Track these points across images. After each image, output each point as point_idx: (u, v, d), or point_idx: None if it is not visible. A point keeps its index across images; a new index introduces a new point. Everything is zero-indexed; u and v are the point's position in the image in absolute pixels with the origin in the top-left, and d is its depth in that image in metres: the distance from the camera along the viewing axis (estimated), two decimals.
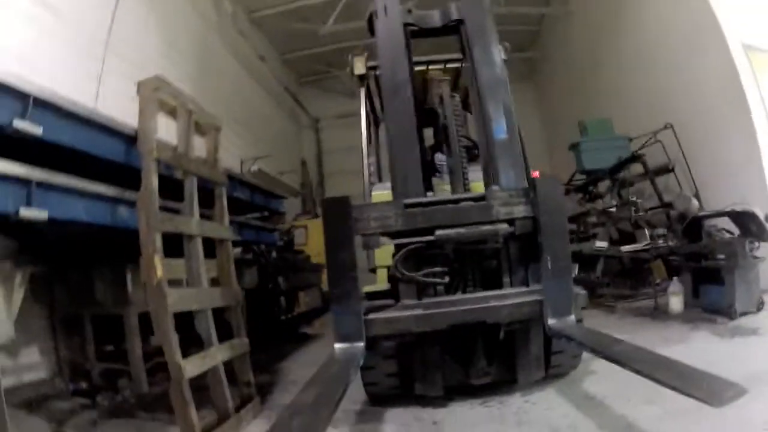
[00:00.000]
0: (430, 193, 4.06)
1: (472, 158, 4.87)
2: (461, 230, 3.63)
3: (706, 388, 2.27)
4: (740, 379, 3.74)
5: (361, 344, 3.45)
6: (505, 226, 3.65)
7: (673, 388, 2.38)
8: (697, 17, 8.52)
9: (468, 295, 3.91)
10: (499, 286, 3.94)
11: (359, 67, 5.41)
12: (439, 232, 3.61)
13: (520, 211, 3.66)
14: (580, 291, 3.88)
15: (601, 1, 12.26)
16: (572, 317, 3.56)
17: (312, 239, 13.44)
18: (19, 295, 3.68)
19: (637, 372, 2.65)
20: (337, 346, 3.48)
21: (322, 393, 2.62)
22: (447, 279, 3.88)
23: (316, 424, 2.25)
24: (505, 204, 3.65)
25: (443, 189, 4.79)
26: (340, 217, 3.54)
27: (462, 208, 3.69)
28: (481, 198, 3.73)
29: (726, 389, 2.26)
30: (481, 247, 3.90)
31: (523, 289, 3.84)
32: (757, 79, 7.84)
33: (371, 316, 3.60)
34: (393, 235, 3.73)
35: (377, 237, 3.66)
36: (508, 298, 3.70)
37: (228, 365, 4.07)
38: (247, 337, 4.51)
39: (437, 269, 3.84)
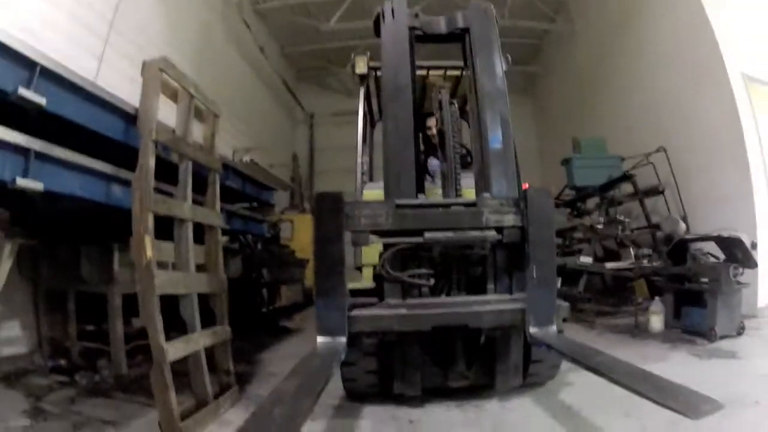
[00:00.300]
0: (421, 196, 4.07)
1: (465, 166, 4.90)
2: (450, 234, 3.66)
3: (683, 401, 2.30)
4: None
5: (343, 339, 3.45)
6: (493, 233, 3.68)
7: (652, 400, 2.41)
8: (700, 45, 8.61)
9: (452, 299, 3.96)
10: (483, 291, 3.96)
11: (361, 67, 5.41)
12: (428, 235, 3.63)
13: (510, 219, 3.68)
14: (563, 303, 3.93)
15: (604, 22, 12.36)
16: (554, 327, 3.59)
17: (298, 234, 13.41)
18: (6, 266, 3.66)
19: (616, 382, 2.69)
20: (320, 339, 3.47)
21: (303, 384, 2.62)
22: (432, 281, 3.92)
23: (297, 414, 2.26)
24: (496, 212, 3.69)
25: (435, 193, 4.83)
26: (331, 212, 3.54)
27: (452, 213, 3.73)
28: (472, 204, 3.77)
29: (703, 403, 2.30)
30: (468, 253, 3.92)
31: (507, 296, 3.87)
32: (755, 111, 7.94)
33: (355, 312, 3.61)
34: (382, 233, 3.74)
35: (367, 234, 3.66)
36: (491, 304, 3.75)
37: (208, 352, 4.06)
38: (229, 325, 4.50)
39: (423, 271, 3.88)
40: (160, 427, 3.38)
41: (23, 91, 2.89)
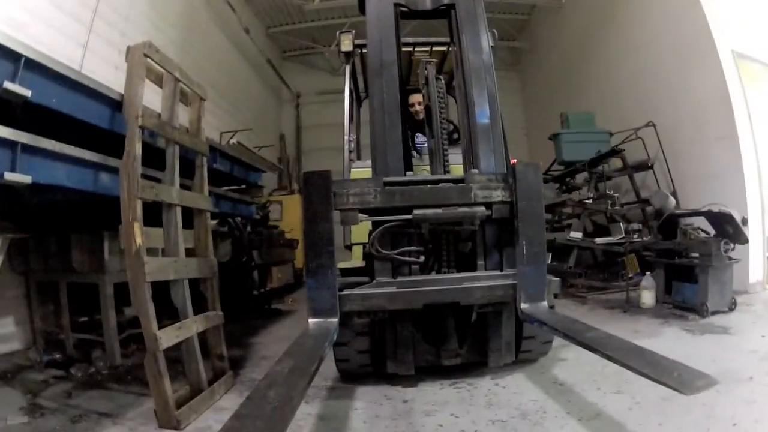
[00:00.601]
0: (409, 173, 4.06)
1: (452, 142, 4.88)
2: (439, 211, 3.63)
3: (677, 377, 2.30)
4: None
5: (335, 320, 3.46)
6: (482, 209, 3.66)
7: (646, 375, 2.41)
8: (689, 21, 8.57)
9: (442, 276, 3.93)
10: (474, 268, 3.95)
11: (346, 44, 5.44)
12: (416, 212, 3.62)
13: (498, 195, 3.68)
14: (553, 278, 3.94)
15: None
16: (545, 303, 3.61)
17: (287, 215, 13.38)
18: None
19: (609, 358, 2.68)
20: (311, 320, 3.47)
21: (296, 366, 2.61)
22: (422, 259, 3.92)
23: (292, 396, 2.26)
24: (484, 187, 3.67)
25: (422, 170, 4.84)
26: (319, 191, 3.53)
27: (441, 189, 3.69)
28: (460, 180, 3.74)
29: (697, 378, 2.30)
30: (458, 229, 3.91)
31: (498, 272, 3.86)
32: (744, 88, 7.93)
33: (346, 291, 3.61)
34: (371, 212, 3.75)
35: (356, 213, 3.66)
36: (482, 281, 3.75)
37: (201, 338, 4.04)
38: (221, 310, 4.47)
39: (413, 248, 3.89)
40: (156, 416, 3.36)
41: (8, 85, 2.83)
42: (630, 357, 2.63)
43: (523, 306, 3.56)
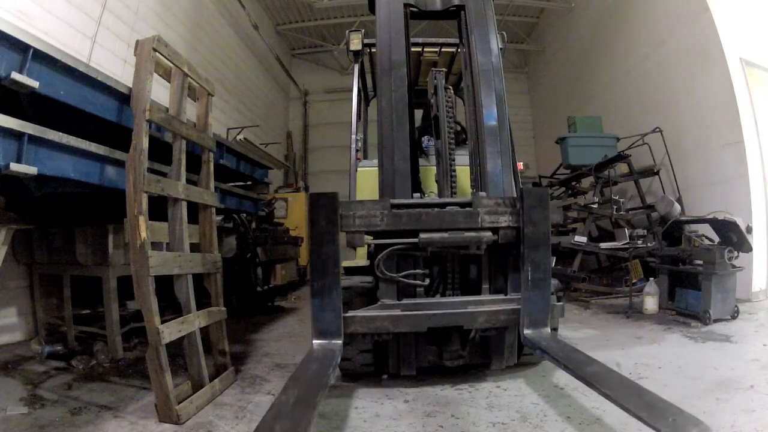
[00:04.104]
0: (416, 195, 4.07)
1: (459, 142, 4.88)
2: (445, 235, 3.65)
3: (671, 423, 2.27)
4: (711, 384, 3.85)
5: (339, 341, 3.49)
6: (489, 234, 3.68)
7: (640, 419, 2.35)
8: (698, 28, 8.56)
9: (447, 299, 3.96)
10: (479, 291, 3.98)
11: (355, 43, 5.47)
12: (423, 236, 3.65)
13: (506, 220, 3.69)
14: (557, 303, 3.94)
15: (602, 1, 12.25)
16: (548, 329, 3.63)
17: (292, 212, 13.40)
18: (1, 253, 3.62)
19: (607, 397, 2.65)
20: (316, 342, 3.50)
21: (301, 396, 2.59)
22: (427, 281, 3.94)
23: (298, 428, 2.25)
24: (491, 212, 3.69)
25: (429, 171, 4.84)
26: (326, 213, 3.53)
27: (447, 214, 3.70)
28: (468, 204, 3.75)
29: (692, 426, 2.26)
30: (463, 252, 3.92)
31: (502, 296, 3.89)
32: (752, 96, 7.91)
33: (350, 313, 3.65)
34: (377, 234, 3.76)
35: (362, 235, 3.68)
36: (486, 305, 3.78)
37: (203, 333, 4.04)
38: (224, 305, 4.48)
39: (418, 271, 3.90)
40: (156, 410, 3.37)
41: (16, 75, 2.83)
42: (627, 397, 2.57)
43: (526, 332, 3.60)
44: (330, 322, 3.51)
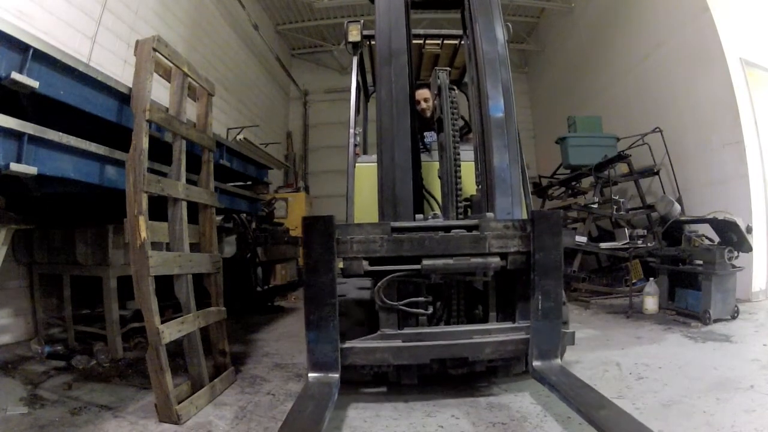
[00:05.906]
0: (419, 216, 3.81)
1: (462, 136, 4.75)
2: (450, 261, 3.43)
3: None
4: (711, 384, 3.85)
5: (336, 375, 3.32)
6: (497, 259, 3.46)
7: None
8: (698, 28, 8.55)
9: (451, 328, 3.72)
10: (485, 319, 3.81)
11: (354, 34, 5.27)
12: (426, 262, 3.43)
13: (515, 245, 3.47)
14: (569, 330, 3.77)
15: (603, 1, 12.25)
16: (558, 360, 3.47)
17: (292, 212, 13.41)
18: (1, 253, 3.61)
19: None
20: (311, 375, 3.33)
21: None
22: (430, 310, 3.74)
23: None
24: (499, 236, 3.47)
25: (431, 167, 4.69)
26: (321, 238, 3.32)
27: (452, 238, 3.47)
28: (474, 227, 3.52)
29: None
30: (469, 279, 3.75)
31: (509, 324, 3.66)
32: (752, 96, 7.92)
33: (348, 344, 3.47)
34: (377, 260, 3.49)
35: (360, 261, 3.43)
36: (492, 335, 3.57)
37: (203, 333, 4.04)
38: (224, 305, 4.48)
39: (420, 299, 3.70)
40: (156, 410, 3.37)
41: (16, 75, 2.83)
42: None
43: (536, 363, 3.41)
44: (326, 354, 3.32)
